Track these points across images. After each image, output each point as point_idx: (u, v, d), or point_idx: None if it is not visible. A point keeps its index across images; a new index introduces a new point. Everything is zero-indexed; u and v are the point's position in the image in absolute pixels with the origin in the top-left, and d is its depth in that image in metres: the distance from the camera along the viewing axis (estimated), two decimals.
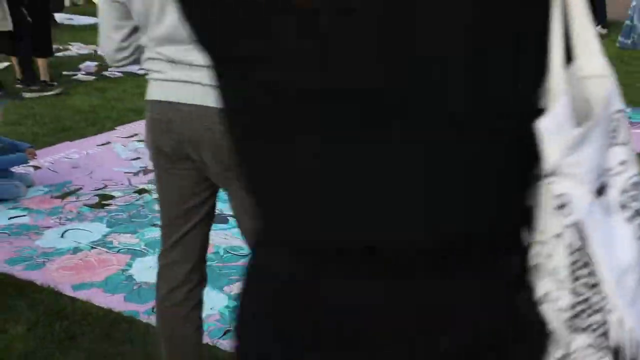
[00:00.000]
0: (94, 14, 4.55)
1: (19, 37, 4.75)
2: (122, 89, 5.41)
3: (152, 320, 2.14)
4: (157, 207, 2.73)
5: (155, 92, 1.66)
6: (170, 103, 1.61)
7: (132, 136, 4.22)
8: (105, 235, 2.90)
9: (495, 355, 0.55)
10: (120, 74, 5.54)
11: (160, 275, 1.75)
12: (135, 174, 3.61)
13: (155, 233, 2.74)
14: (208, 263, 1.86)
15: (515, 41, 0.47)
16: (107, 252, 2.76)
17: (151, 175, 3.17)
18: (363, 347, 0.57)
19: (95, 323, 2.32)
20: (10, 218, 3.09)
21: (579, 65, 0.49)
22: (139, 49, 1.71)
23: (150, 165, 3.42)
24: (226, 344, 2.08)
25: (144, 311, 2.30)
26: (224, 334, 2.14)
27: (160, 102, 1.64)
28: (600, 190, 0.50)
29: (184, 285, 1.70)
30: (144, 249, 2.84)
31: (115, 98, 5.24)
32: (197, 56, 1.48)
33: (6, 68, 5.65)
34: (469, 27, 0.46)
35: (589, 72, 0.49)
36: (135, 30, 1.67)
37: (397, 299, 0.55)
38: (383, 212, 0.53)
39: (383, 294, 0.55)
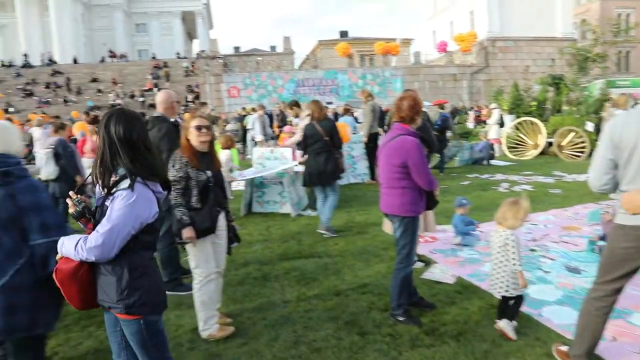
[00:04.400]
0: None
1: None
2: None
3: (475, 283, 3.94)
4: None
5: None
6: None
7: (527, 221, 5.25)
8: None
9: None
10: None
11: (596, 290, 2.48)
12: (529, 240, 5.40)
13: (538, 273, 4.38)
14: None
15: None
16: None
17: (537, 242, 5.27)
18: None
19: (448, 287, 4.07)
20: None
21: None
22: (615, 185, 2.21)
23: (537, 236, 5.63)
24: None
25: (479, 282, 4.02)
26: None
27: None
28: None
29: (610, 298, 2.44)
30: (542, 276, 4.32)
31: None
32: None
33: None
34: None
35: None
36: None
37: None
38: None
39: None
